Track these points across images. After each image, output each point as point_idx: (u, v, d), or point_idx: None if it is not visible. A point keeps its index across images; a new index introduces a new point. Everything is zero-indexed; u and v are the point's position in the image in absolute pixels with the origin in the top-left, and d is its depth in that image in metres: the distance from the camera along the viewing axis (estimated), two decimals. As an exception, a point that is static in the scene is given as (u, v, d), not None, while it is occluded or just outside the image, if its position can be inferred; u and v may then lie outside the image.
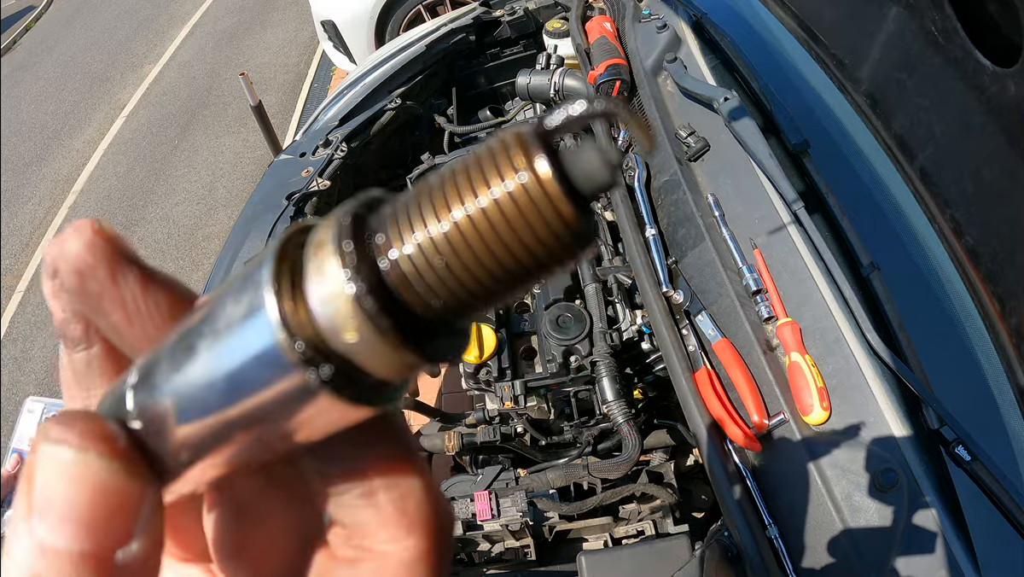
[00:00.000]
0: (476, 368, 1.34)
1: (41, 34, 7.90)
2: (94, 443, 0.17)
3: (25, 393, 3.45)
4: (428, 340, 0.15)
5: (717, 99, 1.30)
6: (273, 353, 0.15)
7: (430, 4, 3.79)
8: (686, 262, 1.21)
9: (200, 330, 0.16)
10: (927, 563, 0.84)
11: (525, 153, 0.13)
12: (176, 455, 0.18)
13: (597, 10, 1.86)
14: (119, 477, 0.17)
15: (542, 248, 0.13)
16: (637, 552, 1.13)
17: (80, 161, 5.33)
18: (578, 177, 0.13)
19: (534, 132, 0.13)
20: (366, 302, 0.14)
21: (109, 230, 0.20)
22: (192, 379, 0.16)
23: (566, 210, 0.13)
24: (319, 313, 0.14)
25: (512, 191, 0.13)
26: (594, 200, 0.14)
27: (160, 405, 0.17)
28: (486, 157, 0.13)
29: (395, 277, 0.14)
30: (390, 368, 0.15)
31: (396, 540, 0.19)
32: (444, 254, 0.13)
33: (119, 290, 0.19)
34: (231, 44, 6.42)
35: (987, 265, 1.03)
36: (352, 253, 0.14)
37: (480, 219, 0.13)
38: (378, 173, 2.05)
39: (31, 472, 0.17)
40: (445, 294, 0.14)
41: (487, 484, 1.31)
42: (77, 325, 0.20)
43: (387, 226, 0.14)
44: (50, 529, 0.16)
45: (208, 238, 4.20)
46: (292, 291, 0.15)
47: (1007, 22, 0.95)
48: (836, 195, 1.18)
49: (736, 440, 0.98)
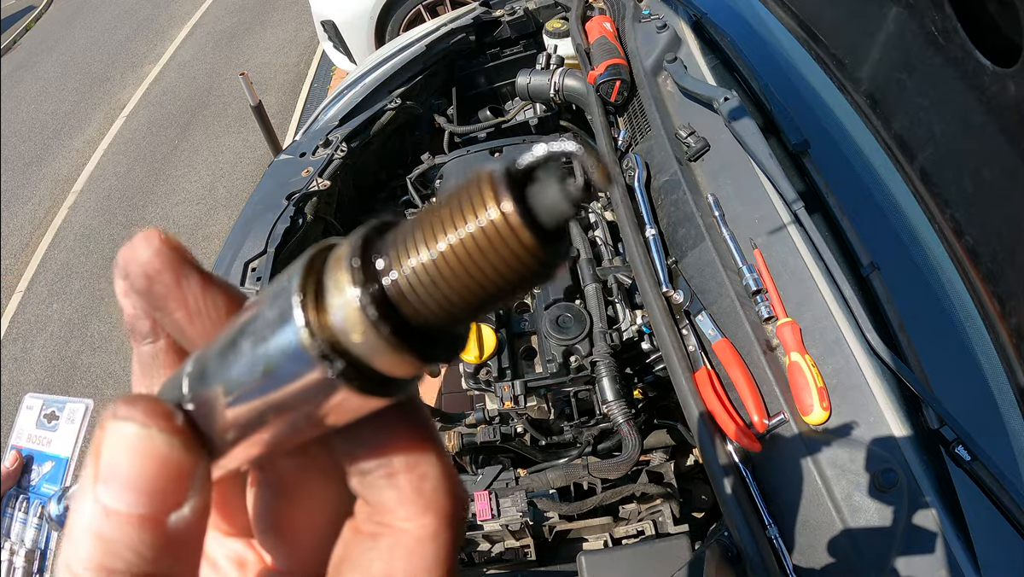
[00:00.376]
0: (476, 368, 1.34)
1: (41, 34, 7.90)
2: (155, 420, 0.20)
3: (25, 392, 3.45)
4: (424, 344, 0.17)
5: (717, 99, 1.30)
6: (298, 349, 0.18)
7: (430, 4, 3.79)
8: (686, 262, 1.21)
9: (244, 329, 0.19)
10: (927, 563, 0.84)
11: (493, 192, 0.16)
12: (223, 434, 0.21)
13: (597, 10, 1.86)
14: (175, 450, 0.20)
15: (512, 272, 0.16)
16: (637, 552, 1.13)
17: (80, 161, 5.33)
18: (540, 212, 0.16)
19: (503, 173, 0.16)
20: (369, 311, 0.17)
21: (174, 240, 0.22)
22: (237, 369, 0.19)
23: (529, 242, 0.15)
24: (334, 318, 0.17)
25: (484, 226, 0.16)
26: (559, 230, 0.16)
27: (211, 391, 0.20)
28: (464, 195, 0.16)
29: (395, 292, 0.17)
30: (392, 365, 0.17)
31: (413, 518, 0.21)
32: (432, 276, 0.16)
33: (182, 292, 0.22)
34: (231, 44, 6.42)
35: (987, 265, 1.03)
36: (359, 270, 0.17)
37: (460, 249, 0.16)
38: (378, 173, 2.05)
39: (98, 446, 0.20)
40: (435, 308, 0.17)
41: (487, 484, 1.31)
42: (145, 321, 0.23)
43: (389, 250, 0.17)
44: (114, 494, 0.19)
45: (208, 238, 4.20)
46: (315, 300, 0.18)
47: (1007, 22, 0.95)
48: (836, 195, 1.18)
49: (736, 440, 0.98)
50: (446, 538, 0.22)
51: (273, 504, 0.25)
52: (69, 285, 4.19)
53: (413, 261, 0.16)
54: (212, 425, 0.21)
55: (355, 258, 0.17)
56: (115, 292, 0.23)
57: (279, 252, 1.51)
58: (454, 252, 0.16)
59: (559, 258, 0.16)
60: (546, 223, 0.16)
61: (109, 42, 7.20)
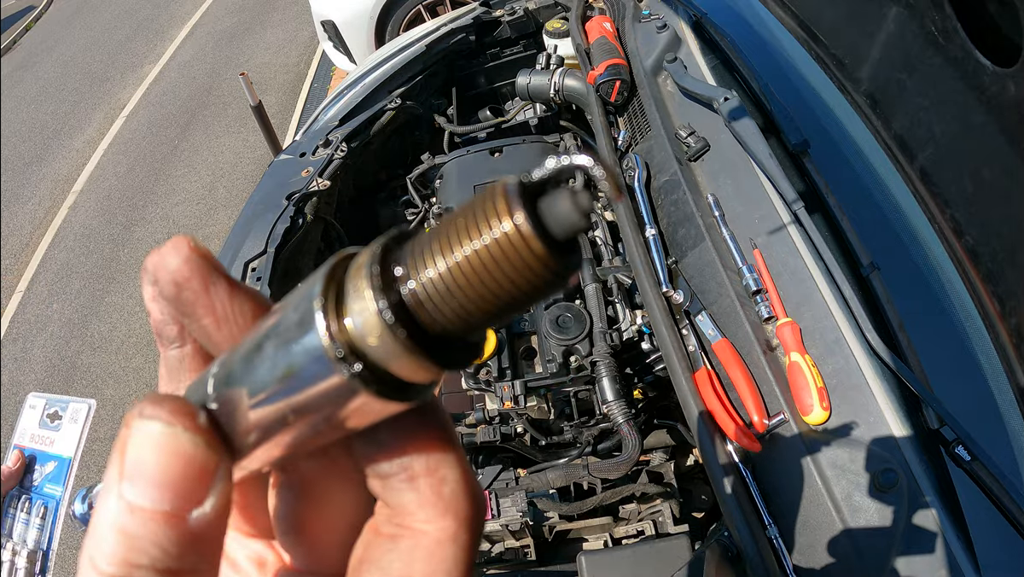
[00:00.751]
0: (476, 368, 1.34)
1: (41, 34, 7.90)
2: (180, 419, 0.20)
3: (25, 392, 3.45)
4: (440, 351, 0.18)
5: (717, 99, 1.30)
6: (319, 352, 0.18)
7: (430, 4, 3.79)
8: (686, 262, 1.21)
9: (268, 333, 0.20)
10: (927, 563, 0.84)
11: (507, 205, 0.16)
12: (246, 435, 0.21)
13: (597, 10, 1.86)
14: (198, 448, 0.20)
15: (525, 282, 0.17)
16: (637, 552, 1.13)
17: (80, 161, 5.33)
18: (552, 223, 0.16)
19: (515, 186, 0.16)
20: (387, 315, 0.17)
21: (202, 247, 0.23)
22: (260, 371, 0.20)
23: (541, 252, 0.16)
24: (353, 323, 0.18)
25: (497, 237, 0.16)
26: (571, 241, 0.17)
27: (235, 392, 0.21)
28: (479, 207, 0.17)
29: (412, 300, 0.17)
30: (408, 370, 0.18)
31: (432, 521, 0.22)
32: (448, 285, 0.17)
33: (210, 298, 0.23)
34: (231, 44, 6.42)
35: (987, 265, 1.03)
36: (378, 277, 0.18)
37: (475, 259, 0.16)
38: (378, 173, 2.05)
39: (123, 444, 0.20)
40: (451, 315, 0.17)
41: (487, 484, 1.32)
42: (173, 326, 0.24)
43: (407, 259, 0.18)
44: (139, 491, 0.19)
45: (208, 238, 4.20)
46: (336, 305, 0.18)
47: (1007, 22, 0.95)
48: (836, 195, 1.18)
49: (736, 440, 0.98)
50: (465, 540, 0.22)
51: (294, 506, 0.25)
52: (69, 285, 4.19)
53: (430, 271, 0.17)
54: (235, 425, 0.21)
55: (375, 265, 0.18)
56: (143, 297, 0.24)
57: (279, 252, 1.51)
58: (469, 262, 0.17)
59: (571, 268, 0.17)
60: (558, 234, 0.16)
61: (109, 42, 7.20)
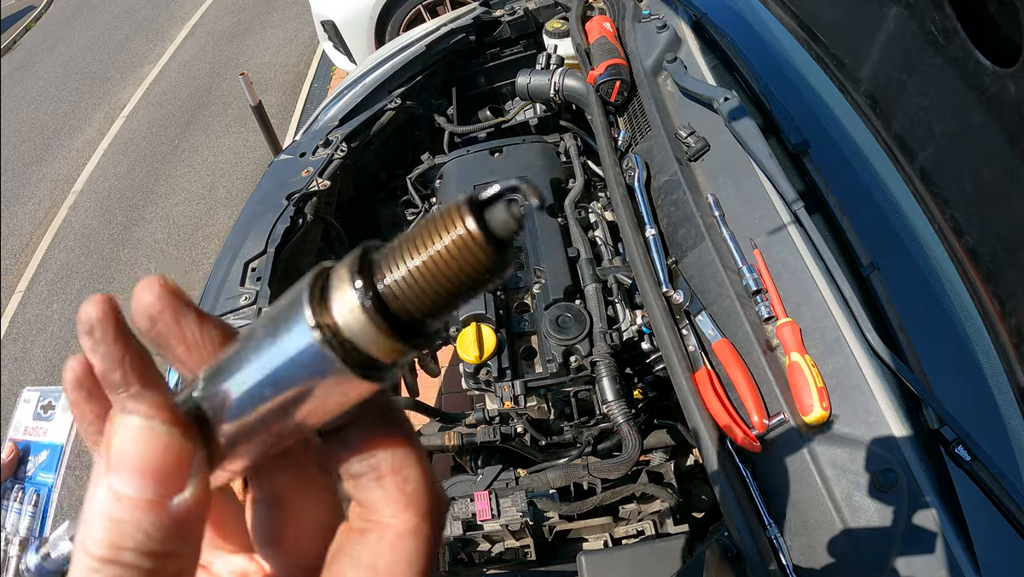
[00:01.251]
0: (476, 368, 1.33)
1: (41, 34, 7.90)
2: (159, 412, 0.22)
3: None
4: (410, 334, 0.22)
5: (717, 99, 1.30)
6: (305, 335, 0.21)
7: (430, 4, 3.79)
8: (686, 262, 1.21)
9: (257, 328, 0.23)
10: (927, 563, 0.84)
11: (461, 215, 0.21)
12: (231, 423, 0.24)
13: (597, 10, 1.86)
14: (176, 439, 0.22)
15: (476, 272, 0.21)
16: (637, 552, 1.13)
17: (80, 161, 5.33)
18: (495, 227, 0.21)
19: (467, 201, 0.21)
20: (366, 303, 0.21)
21: (172, 283, 0.25)
22: (250, 359, 0.23)
23: (488, 249, 0.21)
24: (337, 312, 0.21)
25: (455, 238, 0.21)
26: (508, 240, 0.21)
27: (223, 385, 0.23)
28: (440, 219, 0.21)
29: (387, 292, 0.21)
30: (383, 350, 0.22)
31: (396, 515, 0.25)
32: (416, 277, 0.21)
33: (181, 328, 0.25)
34: (231, 44, 6.42)
35: (987, 265, 1.03)
36: (358, 275, 0.21)
37: (437, 257, 0.21)
38: (378, 173, 2.05)
39: (109, 437, 0.22)
40: (418, 302, 0.21)
41: (487, 484, 1.32)
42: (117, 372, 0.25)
43: (382, 262, 0.22)
44: (123, 481, 0.22)
45: (208, 238, 4.20)
46: (321, 300, 0.22)
47: (1007, 22, 0.95)
48: (836, 195, 1.18)
49: (736, 440, 0.98)
50: (426, 532, 0.25)
51: (271, 518, 0.28)
52: (69, 285, 4.19)
53: (401, 269, 0.21)
54: (221, 414, 0.23)
55: (355, 265, 0.22)
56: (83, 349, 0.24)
57: (279, 252, 1.51)
58: (432, 260, 0.21)
59: (509, 261, 0.21)
60: (499, 235, 0.21)
61: (109, 42, 7.19)
